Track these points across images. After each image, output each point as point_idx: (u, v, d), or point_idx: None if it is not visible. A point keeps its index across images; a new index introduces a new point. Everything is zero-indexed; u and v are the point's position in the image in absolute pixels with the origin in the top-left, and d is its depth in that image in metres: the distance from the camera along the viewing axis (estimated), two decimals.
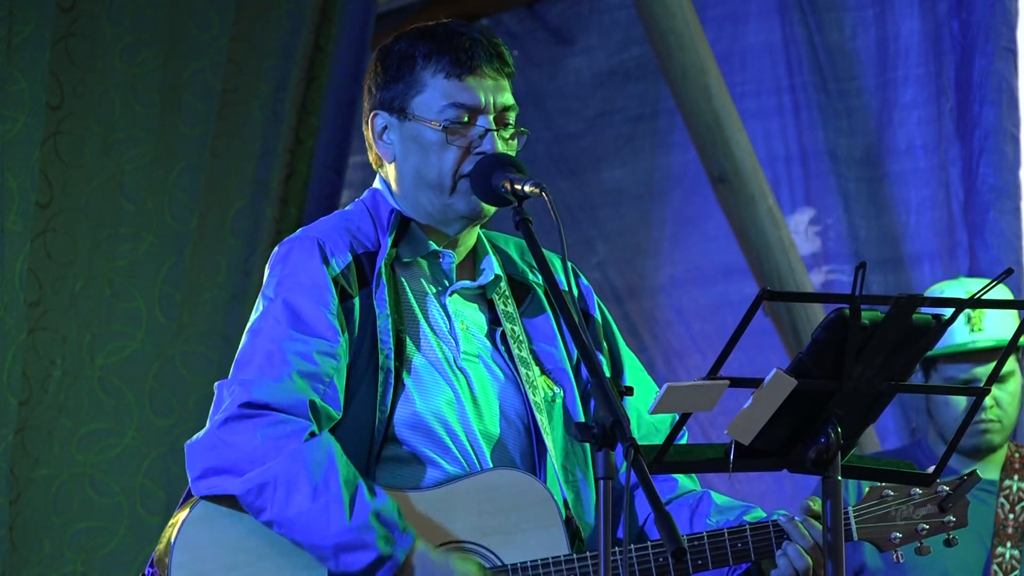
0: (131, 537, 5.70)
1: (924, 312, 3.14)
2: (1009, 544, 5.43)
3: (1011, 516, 5.44)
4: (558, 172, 7.44)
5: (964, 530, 3.66)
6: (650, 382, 3.78)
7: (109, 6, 5.75)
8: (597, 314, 3.77)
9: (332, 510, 3.36)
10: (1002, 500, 5.47)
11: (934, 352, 5.43)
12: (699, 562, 3.52)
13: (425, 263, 3.65)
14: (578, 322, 3.31)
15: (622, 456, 3.08)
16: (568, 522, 3.54)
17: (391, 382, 3.51)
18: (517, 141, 3.63)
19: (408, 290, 3.60)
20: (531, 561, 3.48)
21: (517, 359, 3.61)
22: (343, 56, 6.26)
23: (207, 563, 3.42)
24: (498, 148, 3.56)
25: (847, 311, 3.09)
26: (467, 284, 3.66)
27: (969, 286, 5.46)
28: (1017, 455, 5.52)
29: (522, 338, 3.66)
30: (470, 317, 3.65)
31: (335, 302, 3.51)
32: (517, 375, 3.61)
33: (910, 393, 5.85)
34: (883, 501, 3.63)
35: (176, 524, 3.45)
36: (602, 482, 3.05)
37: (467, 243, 3.69)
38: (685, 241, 7.32)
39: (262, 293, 3.58)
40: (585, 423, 3.11)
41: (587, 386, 3.66)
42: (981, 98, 6.31)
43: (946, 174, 6.60)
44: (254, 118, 6.07)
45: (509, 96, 3.61)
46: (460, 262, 3.67)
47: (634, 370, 3.77)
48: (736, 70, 7.06)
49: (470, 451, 3.55)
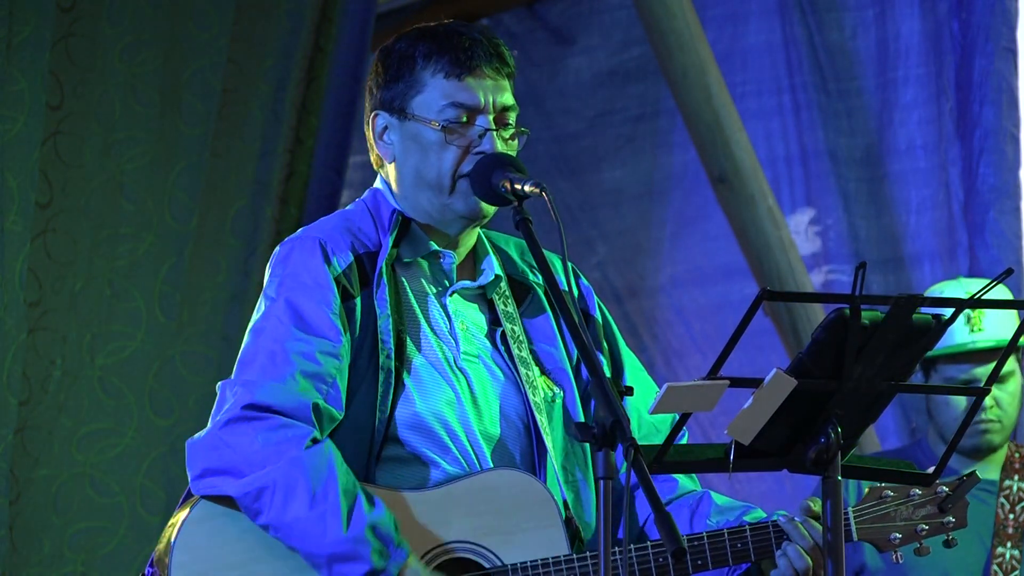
0: (131, 537, 5.70)
1: (924, 312, 3.14)
2: (1009, 544, 5.42)
3: (1011, 516, 5.44)
4: (558, 172, 7.43)
5: (964, 530, 3.65)
6: (650, 382, 3.78)
7: (109, 6, 5.74)
8: (597, 314, 3.76)
9: (329, 519, 3.35)
10: (1002, 500, 5.46)
11: (934, 352, 5.42)
12: (699, 562, 3.52)
13: (425, 263, 3.65)
14: (578, 322, 3.30)
15: (622, 456, 3.07)
16: (568, 522, 3.54)
17: (391, 382, 3.50)
18: (517, 141, 3.62)
19: (409, 290, 3.60)
20: (531, 561, 3.48)
21: (517, 359, 3.61)
22: (343, 56, 6.26)
23: (207, 563, 3.42)
24: (498, 148, 3.55)
25: (847, 311, 3.08)
26: (467, 284, 3.66)
27: (969, 286, 5.46)
28: (1017, 455, 5.52)
29: (522, 338, 3.65)
30: (470, 317, 3.64)
31: (337, 302, 3.51)
32: (517, 375, 3.61)
33: (910, 393, 5.84)
34: (883, 502, 3.63)
35: (176, 524, 3.44)
36: (602, 482, 3.04)
37: (467, 243, 3.68)
38: (685, 241, 7.31)
39: (264, 293, 3.57)
40: (585, 423, 3.10)
41: (587, 386, 3.65)
42: (981, 98, 6.30)
43: (946, 174, 6.60)
44: (254, 118, 6.07)
45: (509, 96, 3.61)
46: (460, 262, 3.67)
47: (634, 370, 3.77)
48: (736, 70, 7.06)
49: (470, 451, 3.54)
